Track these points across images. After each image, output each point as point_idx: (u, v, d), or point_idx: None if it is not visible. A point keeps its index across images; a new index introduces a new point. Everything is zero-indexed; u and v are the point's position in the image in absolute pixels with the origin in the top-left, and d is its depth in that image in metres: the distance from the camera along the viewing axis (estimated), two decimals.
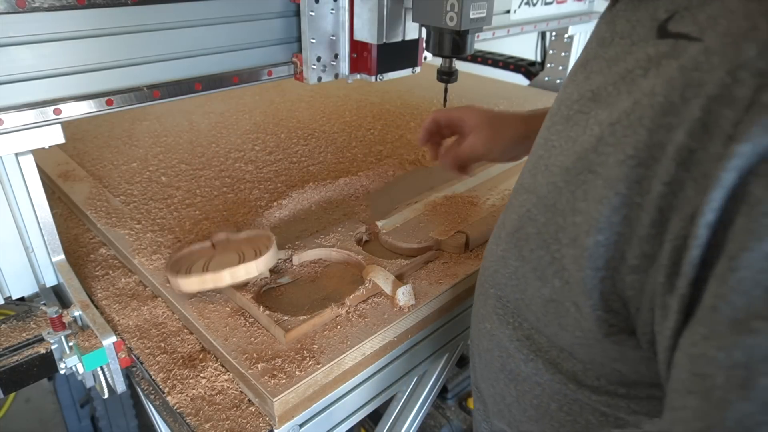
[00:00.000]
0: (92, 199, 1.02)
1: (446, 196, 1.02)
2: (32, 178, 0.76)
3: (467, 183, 1.08)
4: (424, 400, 0.95)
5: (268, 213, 0.99)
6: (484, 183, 1.10)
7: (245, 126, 1.39)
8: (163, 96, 0.78)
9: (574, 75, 0.46)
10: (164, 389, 0.67)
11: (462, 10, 0.76)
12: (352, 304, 0.75)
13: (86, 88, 0.72)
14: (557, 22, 1.45)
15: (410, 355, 0.78)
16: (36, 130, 0.70)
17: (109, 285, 0.85)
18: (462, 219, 0.95)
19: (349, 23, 0.87)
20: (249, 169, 1.16)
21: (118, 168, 1.16)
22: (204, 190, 1.07)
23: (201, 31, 0.79)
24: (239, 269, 0.74)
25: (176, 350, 0.73)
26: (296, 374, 0.64)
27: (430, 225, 0.93)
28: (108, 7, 0.70)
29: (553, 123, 0.46)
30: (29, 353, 0.74)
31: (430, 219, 0.95)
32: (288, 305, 0.76)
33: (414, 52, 0.94)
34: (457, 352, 0.94)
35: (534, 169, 0.47)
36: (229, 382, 0.69)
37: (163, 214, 0.98)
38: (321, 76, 0.89)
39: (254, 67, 0.86)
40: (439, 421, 1.43)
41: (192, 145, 1.27)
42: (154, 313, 0.80)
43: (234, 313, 0.74)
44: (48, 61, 0.68)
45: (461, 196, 1.03)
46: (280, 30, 0.87)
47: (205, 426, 0.62)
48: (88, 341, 0.73)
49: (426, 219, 0.95)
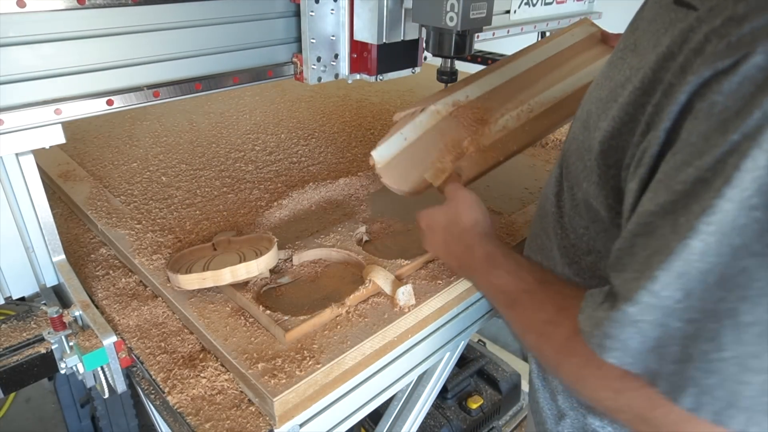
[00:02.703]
0: (92, 199, 1.02)
1: (455, 107, 0.93)
2: (32, 178, 0.76)
3: (481, 85, 0.98)
4: (424, 400, 0.95)
5: (268, 213, 0.99)
6: (497, 90, 0.99)
7: (245, 126, 1.39)
8: (163, 96, 0.78)
9: (624, 32, 0.59)
10: (164, 389, 0.67)
11: (462, 10, 0.76)
12: (352, 304, 0.75)
13: (86, 88, 0.72)
14: (557, 22, 1.45)
15: (410, 355, 0.78)
16: (36, 130, 0.70)
17: (110, 285, 0.85)
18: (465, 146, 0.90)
19: (349, 23, 0.87)
20: (249, 169, 1.16)
21: (119, 168, 1.16)
22: (204, 190, 1.07)
23: (201, 31, 0.79)
24: (240, 268, 0.74)
25: (176, 350, 0.73)
26: (296, 374, 0.64)
27: (427, 159, 0.88)
28: (108, 7, 0.70)
29: (603, 69, 0.60)
30: (29, 353, 0.74)
31: (427, 148, 0.89)
32: (288, 305, 0.76)
33: (414, 52, 0.94)
34: (457, 352, 0.94)
35: (584, 102, 0.62)
36: (229, 382, 0.69)
37: (163, 214, 0.98)
38: (321, 76, 0.89)
39: (254, 67, 0.86)
40: (439, 421, 1.43)
41: (192, 145, 1.27)
42: (154, 313, 0.80)
43: (234, 313, 0.74)
44: (48, 61, 0.68)
45: (471, 109, 0.94)
46: (280, 30, 0.87)
47: (205, 426, 0.62)
48: (88, 341, 0.73)
49: (424, 147, 0.89)
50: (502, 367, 1.60)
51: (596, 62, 1.04)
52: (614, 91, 0.53)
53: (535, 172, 1.22)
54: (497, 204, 1.06)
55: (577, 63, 1.03)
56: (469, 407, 1.47)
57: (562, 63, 1.03)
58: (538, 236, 0.72)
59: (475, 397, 1.50)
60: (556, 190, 0.67)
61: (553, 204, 0.67)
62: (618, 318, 0.45)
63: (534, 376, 0.76)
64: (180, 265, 0.80)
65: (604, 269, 0.57)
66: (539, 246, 0.72)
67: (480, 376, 1.59)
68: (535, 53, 1.03)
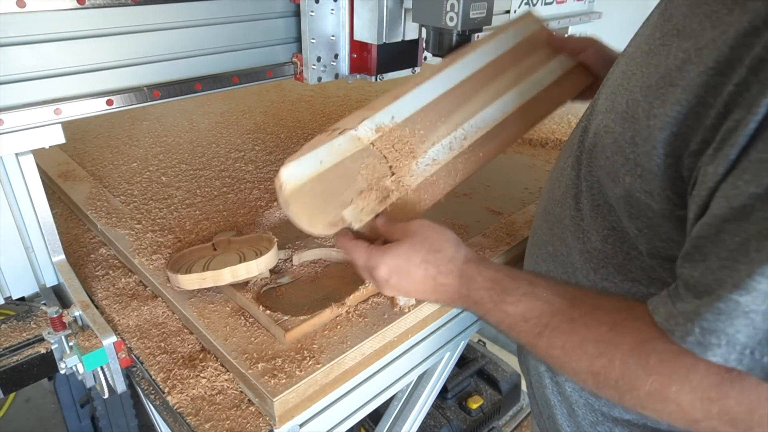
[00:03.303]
0: (92, 199, 1.02)
1: (379, 133, 0.72)
2: (32, 178, 0.76)
3: (411, 102, 0.76)
4: (424, 400, 0.95)
5: (268, 213, 0.99)
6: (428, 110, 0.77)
7: (245, 126, 1.39)
8: (163, 96, 0.78)
9: (653, 22, 0.57)
10: (164, 389, 0.67)
11: (462, 10, 0.76)
12: (352, 304, 0.75)
13: (86, 88, 0.72)
14: (557, 22, 1.45)
15: (410, 355, 0.78)
16: (36, 130, 0.70)
17: (110, 285, 0.85)
18: None
19: (349, 23, 0.87)
20: (249, 169, 1.16)
21: (118, 168, 1.16)
22: (204, 190, 1.07)
23: (201, 31, 0.79)
24: (240, 268, 0.74)
25: (176, 350, 0.73)
26: (296, 374, 0.64)
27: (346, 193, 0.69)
28: (108, 7, 0.70)
29: (632, 59, 0.57)
30: (29, 353, 0.74)
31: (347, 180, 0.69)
32: (288, 305, 0.76)
33: (414, 52, 0.94)
34: (457, 352, 0.94)
35: (612, 95, 0.58)
36: (229, 382, 0.69)
37: (163, 214, 0.98)
38: (321, 76, 0.89)
39: (254, 67, 0.86)
40: (439, 421, 1.43)
41: (192, 145, 1.27)
42: (154, 313, 0.80)
43: (234, 313, 0.74)
44: (48, 61, 0.68)
45: (395, 138, 0.73)
46: (280, 30, 0.87)
47: (205, 426, 0.62)
48: (88, 341, 0.72)
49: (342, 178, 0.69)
50: (502, 367, 1.60)
51: (546, 66, 0.87)
52: (667, 76, 0.50)
53: (535, 172, 1.22)
54: (497, 204, 1.06)
55: (522, 70, 0.85)
56: (469, 407, 1.47)
57: (504, 69, 0.84)
58: (548, 243, 0.69)
59: (475, 397, 1.50)
60: (575, 192, 0.64)
61: (571, 207, 0.64)
62: (724, 309, 0.41)
63: (548, 392, 0.72)
64: (180, 265, 0.80)
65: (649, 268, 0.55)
66: (550, 254, 0.69)
67: (480, 376, 1.59)
68: (473, 57, 0.82)
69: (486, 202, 0.89)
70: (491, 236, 0.94)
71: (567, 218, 0.65)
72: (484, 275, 0.59)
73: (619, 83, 0.58)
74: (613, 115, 0.56)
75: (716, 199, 0.43)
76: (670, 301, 0.46)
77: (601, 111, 0.60)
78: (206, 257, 0.82)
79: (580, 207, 0.63)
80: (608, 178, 0.57)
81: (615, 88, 0.58)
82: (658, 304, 0.47)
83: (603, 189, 0.59)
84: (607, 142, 0.57)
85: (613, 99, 0.58)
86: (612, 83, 0.60)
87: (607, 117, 0.58)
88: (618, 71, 0.60)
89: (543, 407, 0.74)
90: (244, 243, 0.85)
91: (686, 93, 0.47)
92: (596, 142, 0.59)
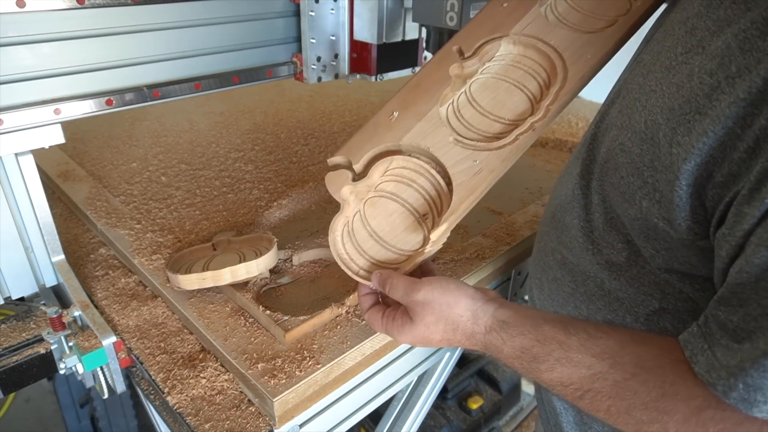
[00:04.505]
0: (92, 199, 1.02)
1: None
2: (32, 178, 0.76)
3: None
4: (424, 400, 0.95)
5: (268, 213, 0.99)
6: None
7: (245, 126, 1.39)
8: (163, 96, 0.78)
9: (674, 34, 0.53)
10: (164, 389, 0.67)
11: (462, 10, 0.76)
12: (352, 304, 0.75)
13: (86, 88, 0.72)
14: None
15: (410, 355, 0.78)
16: (36, 130, 0.70)
17: (109, 285, 0.85)
18: None
19: (349, 23, 0.87)
20: (249, 169, 1.16)
21: (118, 168, 1.16)
22: (204, 190, 1.07)
23: (201, 31, 0.79)
24: (239, 268, 0.74)
25: (176, 350, 0.73)
26: (296, 374, 0.64)
27: None
28: (108, 6, 0.70)
29: (650, 72, 0.54)
30: (29, 353, 0.74)
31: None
32: (288, 305, 0.76)
33: (414, 52, 0.94)
34: (458, 352, 0.94)
35: (629, 110, 0.55)
36: (229, 382, 0.69)
37: (163, 214, 0.98)
38: (321, 76, 0.89)
39: (254, 67, 0.86)
40: (439, 421, 1.43)
41: (192, 145, 1.27)
42: (154, 313, 0.80)
43: (234, 313, 0.74)
44: (48, 61, 0.68)
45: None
46: (280, 30, 0.87)
47: (205, 426, 0.62)
48: (87, 341, 0.72)
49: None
50: (502, 367, 1.60)
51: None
52: (693, 102, 0.47)
53: (535, 172, 1.22)
54: (497, 204, 1.06)
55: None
56: (469, 407, 1.47)
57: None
58: (556, 251, 0.68)
59: (475, 397, 1.50)
60: (584, 203, 0.62)
61: (580, 218, 0.63)
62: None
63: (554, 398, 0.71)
64: (180, 265, 0.80)
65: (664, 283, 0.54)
66: (558, 261, 0.67)
67: (480, 376, 1.59)
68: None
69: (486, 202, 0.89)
70: (491, 236, 0.94)
71: (575, 228, 0.64)
72: (510, 344, 0.55)
73: (636, 97, 0.55)
74: (630, 133, 0.54)
75: (753, 245, 0.42)
76: (707, 347, 0.44)
77: (616, 125, 0.57)
78: (206, 257, 0.82)
79: (591, 219, 0.61)
80: (622, 198, 0.55)
81: (632, 102, 0.55)
82: (696, 350, 0.46)
83: (615, 207, 0.57)
84: (622, 161, 0.54)
85: (630, 115, 0.55)
86: (628, 96, 0.57)
87: (622, 134, 0.55)
88: (634, 83, 0.57)
89: (550, 413, 0.74)
90: (244, 243, 0.85)
91: (715, 124, 0.44)
92: (609, 158, 0.57)
